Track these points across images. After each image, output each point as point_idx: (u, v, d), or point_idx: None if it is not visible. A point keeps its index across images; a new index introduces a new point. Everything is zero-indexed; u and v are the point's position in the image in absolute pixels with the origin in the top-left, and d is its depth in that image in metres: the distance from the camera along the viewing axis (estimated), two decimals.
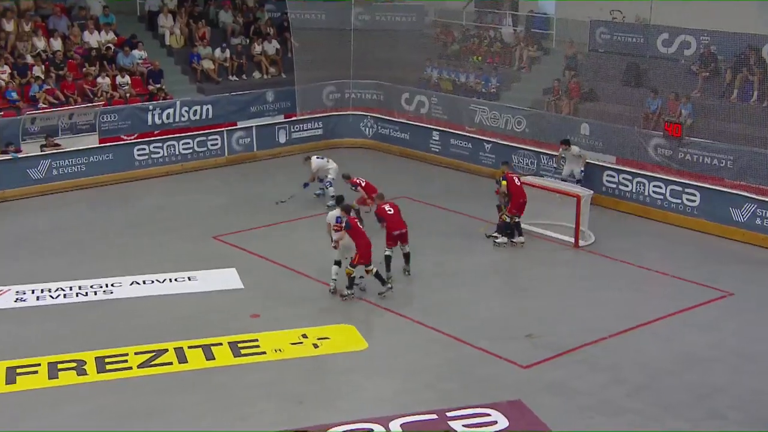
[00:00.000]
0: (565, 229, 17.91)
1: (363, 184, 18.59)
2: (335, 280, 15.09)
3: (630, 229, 18.86)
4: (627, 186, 19.86)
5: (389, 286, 15.02)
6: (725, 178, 18.92)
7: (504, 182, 17.36)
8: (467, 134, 23.51)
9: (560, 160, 20.19)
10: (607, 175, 20.19)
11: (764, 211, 17.69)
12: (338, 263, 15.03)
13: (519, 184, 17.46)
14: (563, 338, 13.60)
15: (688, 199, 18.85)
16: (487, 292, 15.80)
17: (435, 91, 25.28)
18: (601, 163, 20.46)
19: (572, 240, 17.66)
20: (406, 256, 15.86)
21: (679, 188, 18.98)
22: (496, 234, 17.69)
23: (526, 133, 22.69)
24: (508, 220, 17.39)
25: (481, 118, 23.74)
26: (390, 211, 15.58)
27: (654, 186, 19.39)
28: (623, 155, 20.71)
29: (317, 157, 20.10)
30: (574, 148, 19.93)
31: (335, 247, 14.84)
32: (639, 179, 19.68)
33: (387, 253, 15.50)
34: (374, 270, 14.84)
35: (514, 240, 17.52)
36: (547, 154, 21.27)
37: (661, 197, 19.27)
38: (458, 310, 14.70)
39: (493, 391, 12.06)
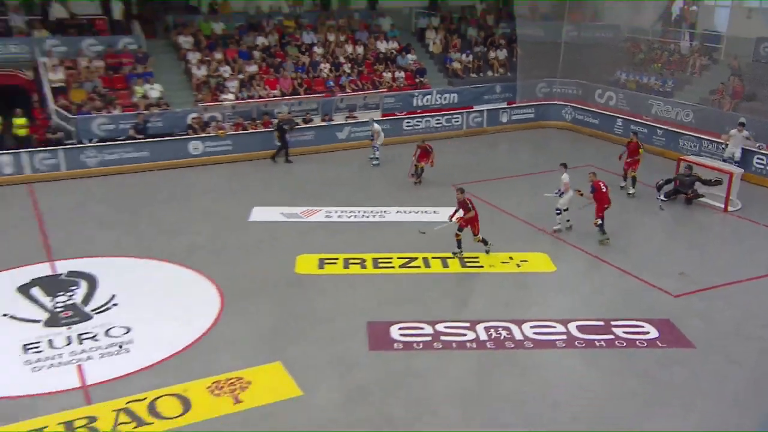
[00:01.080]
0: (717, 197, 16.41)
1: None
2: (560, 224, 14.64)
3: None
4: None
5: (461, 250, 13.54)
6: None
7: (641, 150, 16.93)
8: (644, 121, 21.91)
9: (728, 140, 18.14)
10: (757, 158, 18.15)
11: None
12: (561, 211, 14.54)
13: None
14: (707, 279, 12.69)
15: None
16: (652, 241, 14.91)
17: (621, 89, 23.73)
18: (752, 149, 18.34)
19: (722, 206, 16.16)
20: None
21: None
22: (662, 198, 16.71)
23: (692, 123, 20.78)
24: (634, 174, 16.96)
25: (657, 110, 22.01)
26: (603, 189, 14.04)
27: None
28: None
29: (376, 123, 20.12)
30: (746, 132, 18.02)
31: (452, 220, 13.45)
32: None
33: (600, 222, 14.13)
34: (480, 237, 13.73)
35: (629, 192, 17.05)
36: (707, 140, 19.41)
37: None
38: (628, 252, 14.06)
39: (649, 311, 11.58)
